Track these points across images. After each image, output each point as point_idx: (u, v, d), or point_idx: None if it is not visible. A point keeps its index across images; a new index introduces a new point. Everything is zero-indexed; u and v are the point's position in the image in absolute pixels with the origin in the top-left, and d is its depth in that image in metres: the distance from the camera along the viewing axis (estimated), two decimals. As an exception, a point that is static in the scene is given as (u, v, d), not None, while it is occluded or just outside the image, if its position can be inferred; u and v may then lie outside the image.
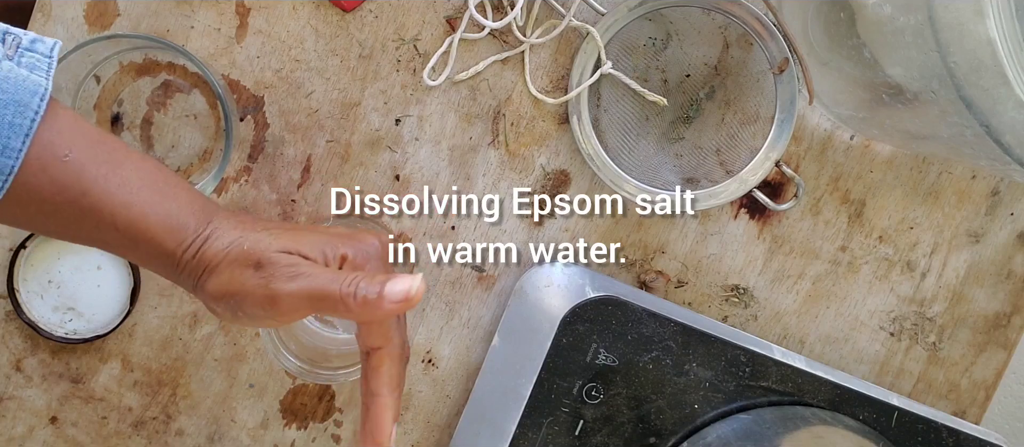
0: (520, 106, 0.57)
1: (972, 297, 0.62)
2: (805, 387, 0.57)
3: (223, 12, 0.55)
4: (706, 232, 0.60)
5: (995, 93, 0.38)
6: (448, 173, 0.58)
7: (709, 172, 0.57)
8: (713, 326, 0.57)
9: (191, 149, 0.56)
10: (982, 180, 0.60)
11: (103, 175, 0.38)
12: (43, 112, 0.37)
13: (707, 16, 0.55)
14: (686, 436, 0.55)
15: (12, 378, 0.58)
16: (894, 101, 0.47)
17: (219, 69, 0.56)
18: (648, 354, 0.55)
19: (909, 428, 0.58)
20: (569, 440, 0.55)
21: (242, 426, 0.60)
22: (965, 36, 0.38)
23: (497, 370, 0.56)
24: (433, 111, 0.57)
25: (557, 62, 0.57)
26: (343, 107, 0.57)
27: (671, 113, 0.57)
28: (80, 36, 0.55)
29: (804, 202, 0.60)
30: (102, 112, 0.55)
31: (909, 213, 0.60)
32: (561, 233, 0.59)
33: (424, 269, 0.59)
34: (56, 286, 0.56)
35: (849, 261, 0.61)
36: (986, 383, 0.64)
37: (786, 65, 0.54)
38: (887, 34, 0.43)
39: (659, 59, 0.57)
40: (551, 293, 0.55)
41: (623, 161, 0.57)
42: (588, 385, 0.55)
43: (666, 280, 0.60)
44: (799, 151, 0.59)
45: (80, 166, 0.38)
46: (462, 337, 0.60)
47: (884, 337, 0.62)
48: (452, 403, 0.61)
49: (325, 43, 0.56)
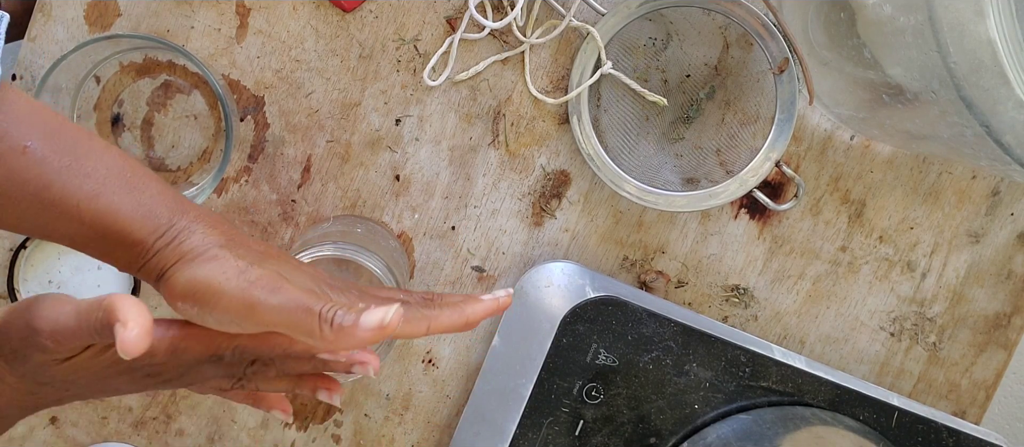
0: (520, 106, 0.57)
1: (972, 297, 0.62)
2: (805, 387, 0.57)
3: (223, 12, 0.55)
4: (706, 232, 0.60)
5: (995, 93, 0.38)
6: (448, 173, 0.58)
7: (709, 172, 0.57)
8: (713, 326, 0.57)
9: (191, 149, 0.56)
10: (982, 180, 0.60)
11: (66, 165, 0.36)
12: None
13: (707, 16, 0.55)
14: (686, 436, 0.55)
15: (12, 378, 0.58)
16: (894, 101, 0.47)
17: (219, 69, 0.56)
18: (648, 354, 0.55)
19: (909, 428, 0.58)
20: (569, 440, 0.55)
21: (242, 426, 0.60)
22: (965, 36, 0.38)
23: (497, 370, 0.56)
24: (433, 111, 0.57)
25: (557, 62, 0.57)
26: (343, 107, 0.57)
27: (671, 113, 0.57)
28: (80, 36, 0.55)
29: (804, 202, 0.60)
30: (102, 112, 0.55)
31: (909, 213, 0.60)
32: (561, 233, 0.59)
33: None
34: (56, 286, 0.56)
35: (849, 261, 0.61)
36: (986, 383, 0.64)
37: (786, 65, 0.54)
38: (887, 34, 0.43)
39: (659, 59, 0.57)
40: (551, 293, 0.55)
41: (623, 161, 0.57)
42: (588, 385, 0.55)
43: (666, 280, 0.60)
44: (799, 151, 0.59)
45: (41, 157, 0.36)
46: (462, 337, 0.60)
47: (884, 337, 0.62)
48: (452, 403, 0.61)
49: (325, 43, 0.56)
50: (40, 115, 0.37)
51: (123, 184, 0.38)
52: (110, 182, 0.37)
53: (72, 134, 0.37)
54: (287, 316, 0.36)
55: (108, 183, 0.37)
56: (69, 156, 0.36)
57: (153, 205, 0.38)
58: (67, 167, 0.36)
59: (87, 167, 0.37)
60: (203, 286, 0.37)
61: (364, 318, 0.35)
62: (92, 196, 0.37)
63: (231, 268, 0.37)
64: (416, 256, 0.59)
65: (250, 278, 0.37)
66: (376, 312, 0.35)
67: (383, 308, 0.35)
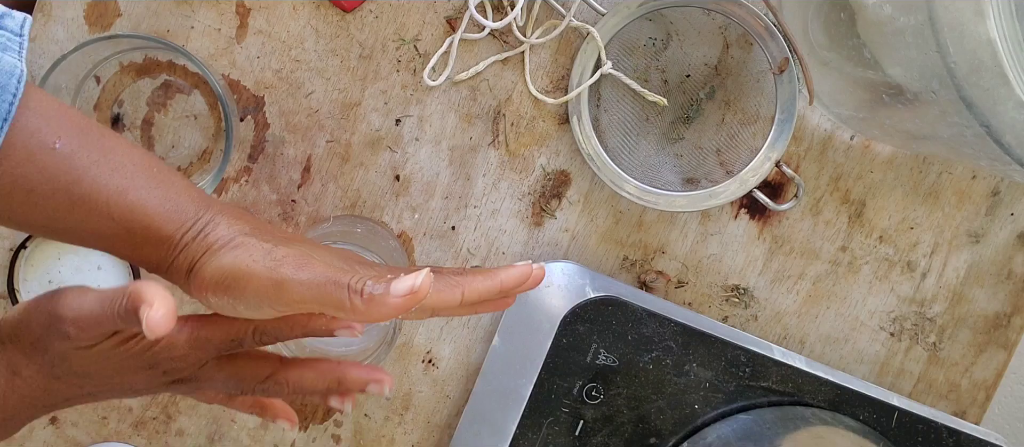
0: (520, 106, 0.57)
1: (972, 297, 0.62)
2: (805, 387, 0.57)
3: (223, 12, 0.55)
4: (706, 232, 0.60)
5: (995, 93, 0.38)
6: (448, 173, 0.58)
7: (709, 172, 0.57)
8: (713, 326, 0.57)
9: (191, 149, 0.56)
10: (982, 180, 0.60)
11: (95, 162, 0.37)
12: (21, 95, 0.35)
13: (707, 16, 0.55)
14: (686, 436, 0.55)
15: (12, 378, 0.58)
16: (894, 101, 0.47)
17: (219, 69, 0.56)
18: (648, 354, 0.55)
19: (909, 428, 0.58)
20: (569, 440, 0.55)
21: (242, 426, 0.60)
22: (965, 36, 0.38)
23: (497, 370, 0.56)
24: (433, 111, 0.57)
25: (557, 62, 0.57)
26: (343, 107, 0.57)
27: (671, 113, 0.57)
28: (80, 36, 0.55)
29: (804, 202, 0.60)
30: (102, 112, 0.55)
31: (909, 213, 0.60)
32: (561, 233, 0.59)
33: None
34: (56, 286, 0.55)
35: (849, 261, 0.61)
36: (986, 383, 0.64)
37: (786, 65, 0.54)
38: (887, 34, 0.43)
39: (659, 59, 0.57)
40: (551, 293, 0.55)
41: (623, 161, 0.57)
42: (588, 385, 0.55)
43: (666, 280, 0.60)
44: (799, 151, 0.59)
45: (70, 153, 0.36)
46: (462, 337, 0.60)
47: (884, 337, 0.62)
48: (452, 403, 0.61)
49: (325, 43, 0.56)
50: (67, 114, 0.37)
51: (150, 180, 0.38)
52: (137, 178, 0.38)
53: (98, 131, 0.38)
54: (317, 290, 0.36)
55: (136, 179, 0.38)
56: (96, 153, 0.37)
57: (179, 200, 0.38)
58: (95, 163, 0.37)
59: (114, 163, 0.37)
60: (231, 272, 0.37)
61: (395, 285, 0.35)
62: (120, 192, 0.37)
63: (258, 250, 0.37)
64: (416, 256, 0.59)
65: (277, 257, 0.37)
66: (406, 279, 0.35)
67: (413, 274, 0.35)
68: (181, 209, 0.38)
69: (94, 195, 0.37)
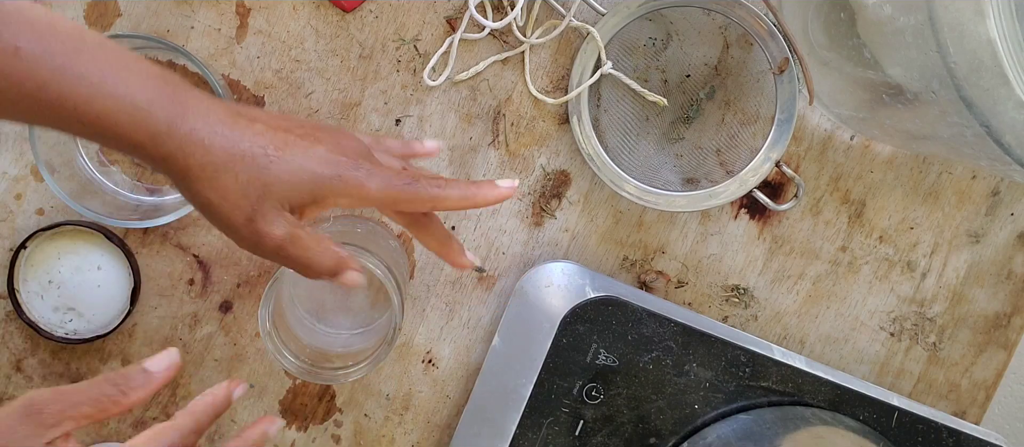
0: (520, 106, 0.57)
1: (972, 297, 0.62)
2: (805, 387, 0.57)
3: (223, 12, 0.55)
4: (706, 232, 0.60)
5: (995, 93, 0.38)
6: (448, 173, 0.58)
7: (709, 172, 0.57)
8: (713, 326, 0.57)
9: (191, 149, 0.56)
10: (982, 180, 0.60)
11: (60, 67, 0.35)
12: None
13: (707, 16, 0.55)
14: (686, 436, 0.55)
15: (12, 378, 0.58)
16: (894, 101, 0.47)
17: (219, 69, 0.56)
18: (648, 354, 0.55)
19: (909, 428, 0.58)
20: (569, 440, 0.55)
21: (242, 426, 0.60)
22: (965, 36, 0.38)
23: (497, 370, 0.56)
24: (433, 111, 0.57)
25: (557, 62, 0.57)
26: (343, 107, 0.57)
27: (671, 113, 0.57)
28: (80, 36, 0.55)
29: (804, 202, 0.60)
30: (102, 112, 0.55)
31: (909, 213, 0.60)
32: (561, 233, 0.59)
33: (425, 272, 0.59)
34: (56, 286, 0.56)
35: (849, 261, 0.61)
36: (986, 383, 0.64)
37: (786, 65, 0.54)
38: (887, 34, 0.44)
39: (659, 59, 0.57)
40: (551, 293, 0.55)
41: (623, 161, 0.57)
42: (588, 385, 0.55)
43: (666, 280, 0.60)
44: (799, 151, 0.59)
45: (33, 59, 0.35)
46: (462, 337, 0.60)
47: (884, 337, 0.62)
48: (452, 403, 0.61)
49: (325, 43, 0.56)
50: (28, 14, 0.36)
51: (117, 84, 0.37)
52: (105, 84, 0.36)
53: (64, 31, 0.36)
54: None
55: (103, 85, 0.36)
56: (61, 56, 0.36)
57: (150, 108, 0.37)
58: (60, 68, 0.35)
59: (80, 68, 0.36)
60: (206, 207, 0.39)
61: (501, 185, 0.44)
62: (87, 99, 0.36)
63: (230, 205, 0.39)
64: (416, 256, 0.59)
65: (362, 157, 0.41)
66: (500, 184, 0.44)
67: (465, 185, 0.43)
68: (151, 118, 0.37)
69: (62, 101, 0.36)
